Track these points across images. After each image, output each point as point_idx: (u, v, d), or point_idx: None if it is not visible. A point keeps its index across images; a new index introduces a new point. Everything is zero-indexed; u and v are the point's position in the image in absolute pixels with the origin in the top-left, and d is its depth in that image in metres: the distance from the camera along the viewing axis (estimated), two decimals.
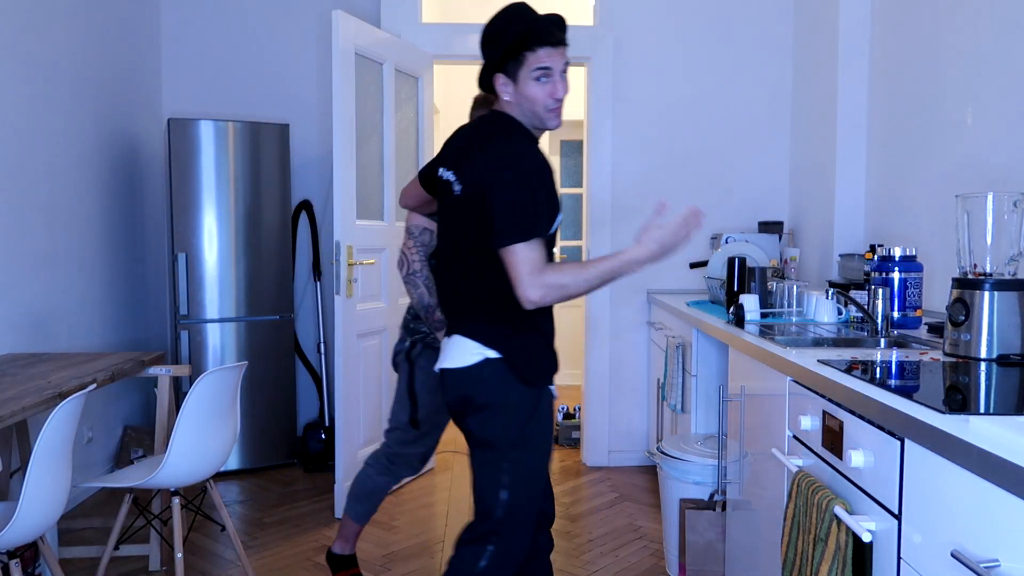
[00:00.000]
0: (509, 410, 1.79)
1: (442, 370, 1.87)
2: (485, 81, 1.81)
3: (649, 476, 3.98)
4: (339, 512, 3.37)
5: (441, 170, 1.89)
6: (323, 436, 4.04)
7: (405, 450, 2.62)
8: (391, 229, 3.67)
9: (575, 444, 4.52)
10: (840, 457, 1.61)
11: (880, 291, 2.25)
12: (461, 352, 1.80)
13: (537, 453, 1.85)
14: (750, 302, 2.60)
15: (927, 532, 1.24)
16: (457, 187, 1.80)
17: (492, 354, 1.77)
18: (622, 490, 3.76)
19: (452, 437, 4.75)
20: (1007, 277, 1.82)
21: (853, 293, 2.58)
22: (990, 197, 1.84)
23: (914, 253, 2.43)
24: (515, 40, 1.72)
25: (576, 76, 5.71)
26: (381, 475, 2.64)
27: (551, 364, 1.89)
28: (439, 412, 2.62)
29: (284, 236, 4.10)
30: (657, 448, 2.86)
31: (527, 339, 1.81)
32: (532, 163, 1.73)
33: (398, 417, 2.62)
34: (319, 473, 4.01)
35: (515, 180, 1.71)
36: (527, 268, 1.68)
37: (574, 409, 4.63)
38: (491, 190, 1.71)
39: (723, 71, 4.11)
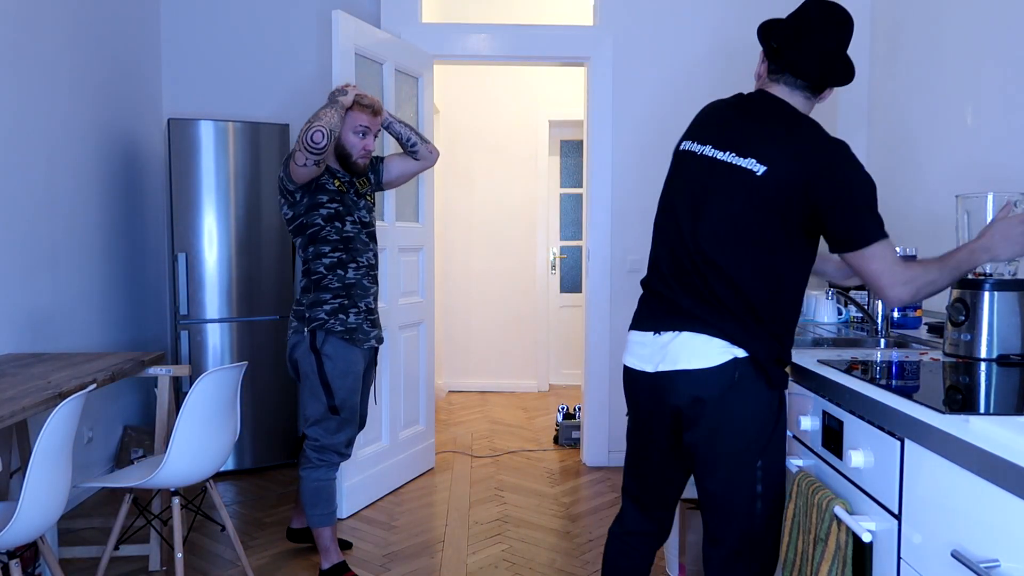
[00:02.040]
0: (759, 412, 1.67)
1: (674, 372, 1.67)
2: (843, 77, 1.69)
3: None
4: (338, 513, 3.37)
5: (714, 151, 1.70)
6: None
7: (331, 440, 2.68)
8: (391, 229, 3.67)
9: (575, 444, 4.52)
10: (840, 457, 1.61)
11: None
12: (705, 351, 1.64)
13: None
14: None
15: (927, 532, 1.24)
16: (760, 169, 1.60)
17: (740, 353, 1.63)
18: None
19: (452, 437, 4.75)
20: (1007, 277, 1.82)
21: (853, 293, 2.58)
22: (990, 197, 1.84)
23: (914, 253, 2.43)
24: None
25: (576, 76, 5.74)
26: (317, 471, 2.69)
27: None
28: (354, 393, 2.69)
29: (284, 236, 4.10)
30: None
31: (774, 340, 1.67)
32: (856, 160, 1.62)
33: (314, 410, 2.67)
34: None
35: (858, 174, 1.59)
36: (893, 265, 1.59)
37: (574, 409, 4.63)
38: (832, 185, 1.58)
39: (723, 71, 4.11)
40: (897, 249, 2.40)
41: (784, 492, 1.73)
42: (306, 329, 2.65)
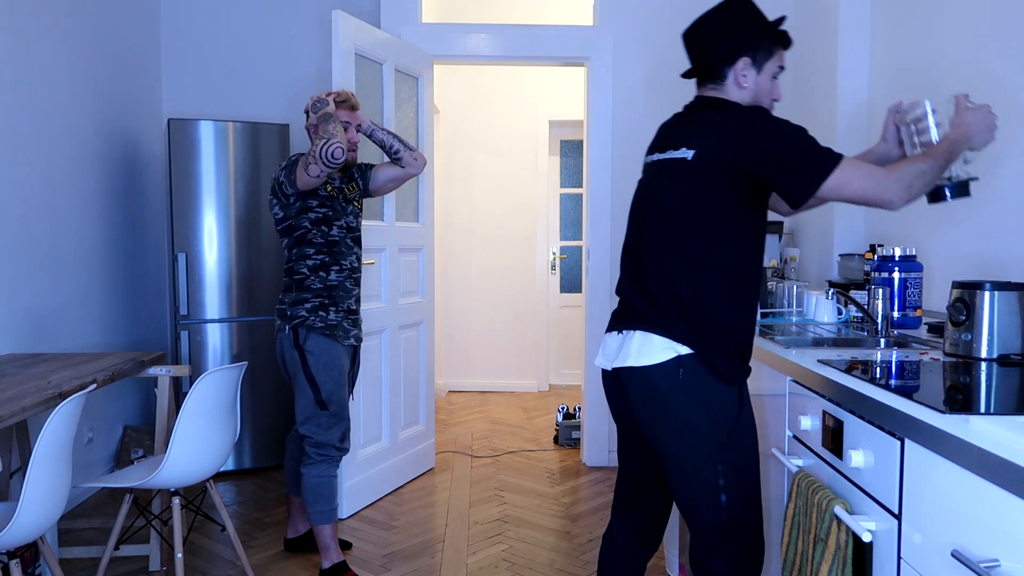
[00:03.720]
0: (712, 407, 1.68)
1: (625, 368, 1.72)
2: (716, 62, 1.74)
3: None
4: (339, 513, 3.37)
5: (656, 155, 1.77)
6: None
7: (325, 436, 2.72)
8: (391, 229, 3.68)
9: (575, 444, 4.53)
10: (840, 457, 1.61)
11: (880, 291, 2.25)
12: (649, 349, 1.68)
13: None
14: None
15: (927, 532, 1.24)
16: (690, 154, 1.66)
17: (684, 350, 1.65)
18: None
19: (452, 437, 4.75)
20: (1002, 281, 1.82)
21: (853, 293, 2.58)
22: (927, 103, 1.80)
23: (914, 253, 2.43)
24: (773, 32, 1.74)
25: (576, 76, 5.74)
26: (317, 467, 2.73)
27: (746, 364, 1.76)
28: (340, 387, 2.74)
29: None
30: None
31: (725, 335, 1.69)
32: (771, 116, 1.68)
33: (303, 407, 2.73)
34: None
35: (776, 130, 1.62)
36: (871, 175, 1.59)
37: (574, 409, 4.63)
38: (757, 149, 1.60)
39: None
40: (897, 249, 2.41)
41: (758, 486, 1.73)
42: (288, 326, 2.72)
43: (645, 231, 1.75)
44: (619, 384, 1.78)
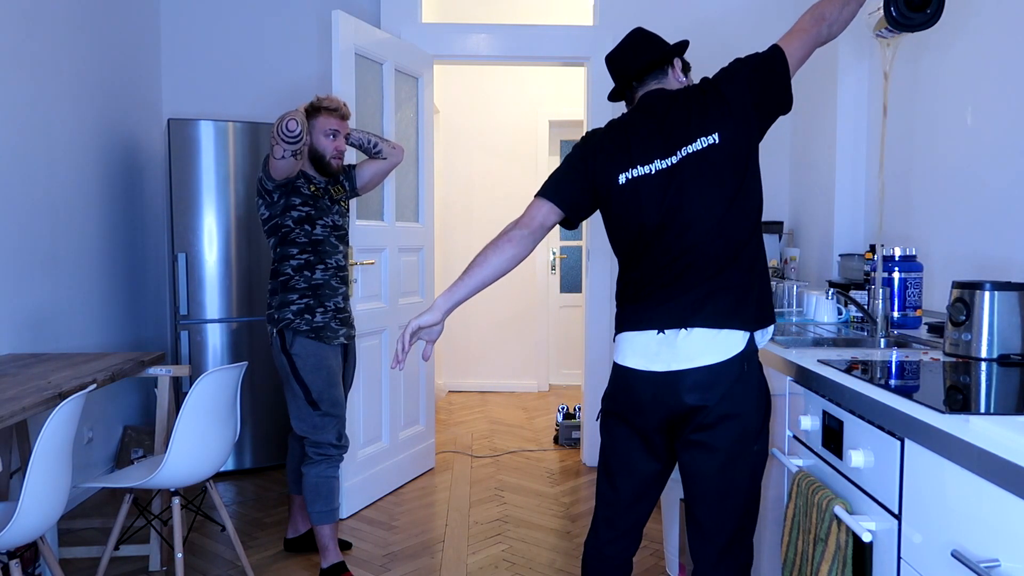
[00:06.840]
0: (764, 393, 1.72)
1: (689, 369, 1.66)
2: (657, 63, 1.87)
3: None
4: (340, 512, 3.37)
5: (681, 151, 1.70)
6: None
7: (320, 436, 2.73)
8: (391, 229, 3.67)
9: (575, 444, 4.53)
10: (840, 457, 1.61)
11: (880, 291, 2.25)
12: (723, 344, 1.66)
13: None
14: None
15: (927, 532, 1.24)
16: (715, 138, 1.68)
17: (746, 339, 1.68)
18: None
19: (452, 437, 4.75)
20: (1002, 281, 1.82)
21: (853, 293, 2.58)
22: None
23: (914, 253, 2.43)
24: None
25: (576, 76, 5.74)
26: (317, 467, 2.73)
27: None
28: (331, 387, 2.73)
29: None
30: None
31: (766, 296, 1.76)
32: None
33: (296, 408, 2.74)
34: None
35: (744, 64, 1.80)
36: (804, 32, 1.85)
37: (574, 409, 4.63)
38: (743, 74, 1.76)
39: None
40: (897, 249, 2.41)
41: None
42: (274, 330, 2.73)
43: (699, 225, 1.67)
44: (668, 385, 1.68)
